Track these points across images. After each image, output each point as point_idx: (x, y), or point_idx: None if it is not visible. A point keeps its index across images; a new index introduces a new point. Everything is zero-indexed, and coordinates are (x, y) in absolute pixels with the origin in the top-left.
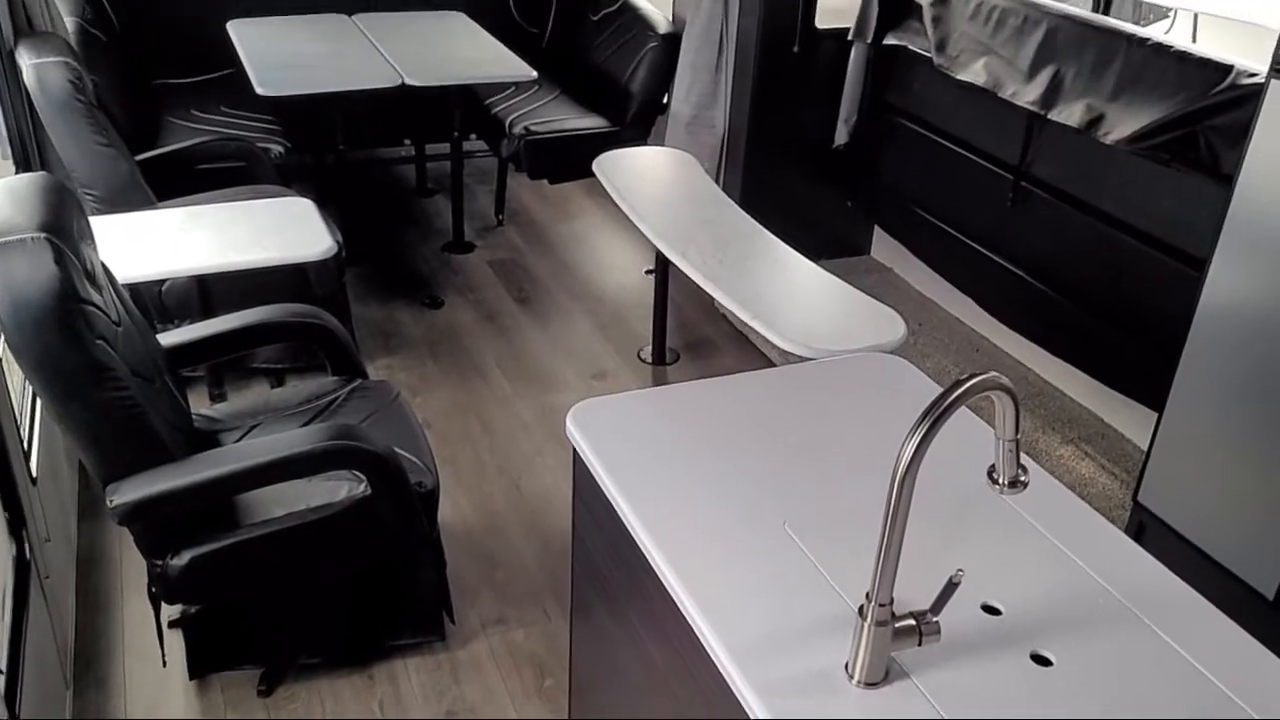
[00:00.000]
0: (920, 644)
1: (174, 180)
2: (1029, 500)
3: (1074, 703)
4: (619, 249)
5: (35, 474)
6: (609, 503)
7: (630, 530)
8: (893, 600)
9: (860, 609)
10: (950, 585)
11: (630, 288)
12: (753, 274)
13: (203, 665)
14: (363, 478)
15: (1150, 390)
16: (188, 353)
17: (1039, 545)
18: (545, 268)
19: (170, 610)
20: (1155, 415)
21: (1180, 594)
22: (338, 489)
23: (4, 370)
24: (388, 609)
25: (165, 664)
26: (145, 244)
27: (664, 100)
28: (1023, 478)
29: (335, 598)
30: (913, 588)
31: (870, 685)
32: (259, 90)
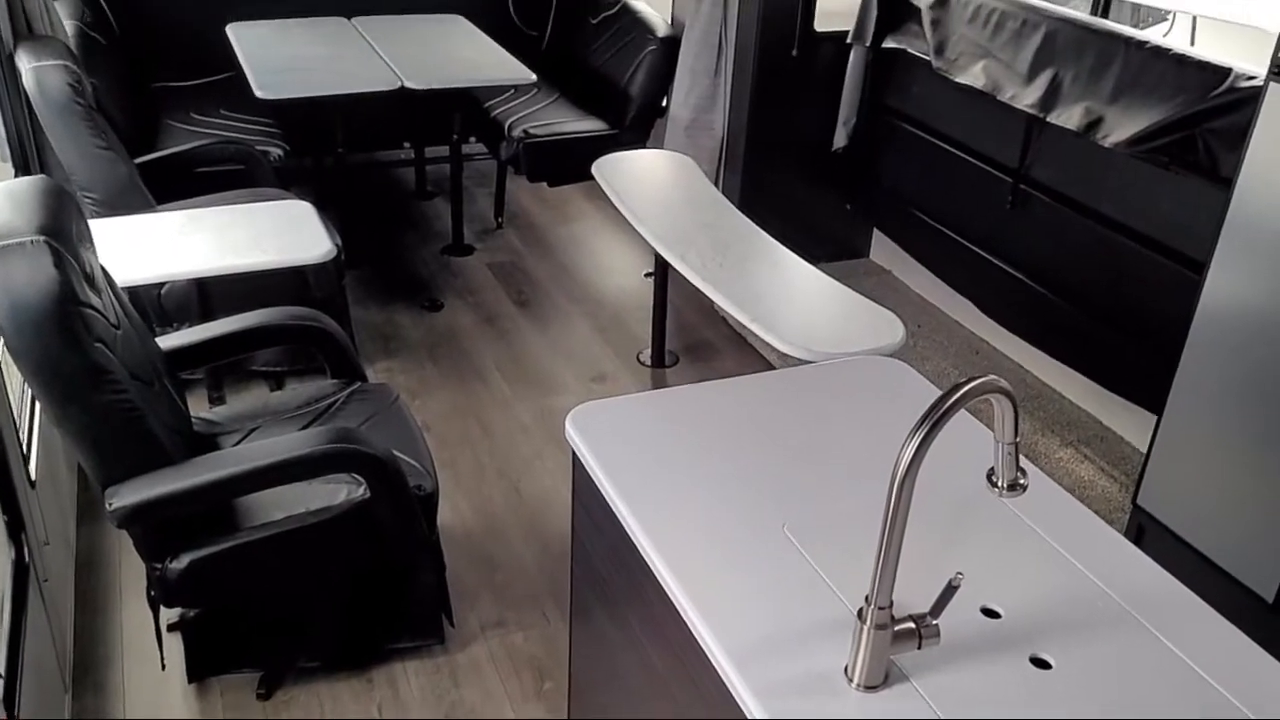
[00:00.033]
0: (920, 647)
1: (173, 183)
2: (1028, 503)
3: (1074, 706)
4: (618, 252)
5: (34, 477)
6: (608, 505)
7: (629, 533)
8: (892, 603)
9: (860, 612)
10: (950, 588)
11: (629, 290)
12: (752, 277)
13: (202, 668)
14: (362, 481)
15: (1149, 393)
16: (187, 356)
17: (1038, 548)
18: (544, 270)
19: (169, 613)
20: (1155, 418)
21: (1180, 597)
22: (337, 492)
23: (3, 373)
24: (387, 612)
25: (164, 667)
26: (144, 247)
27: (663, 103)
28: (1022, 481)
29: (334, 601)
30: (912, 591)
31: (870, 688)
32: (258, 93)
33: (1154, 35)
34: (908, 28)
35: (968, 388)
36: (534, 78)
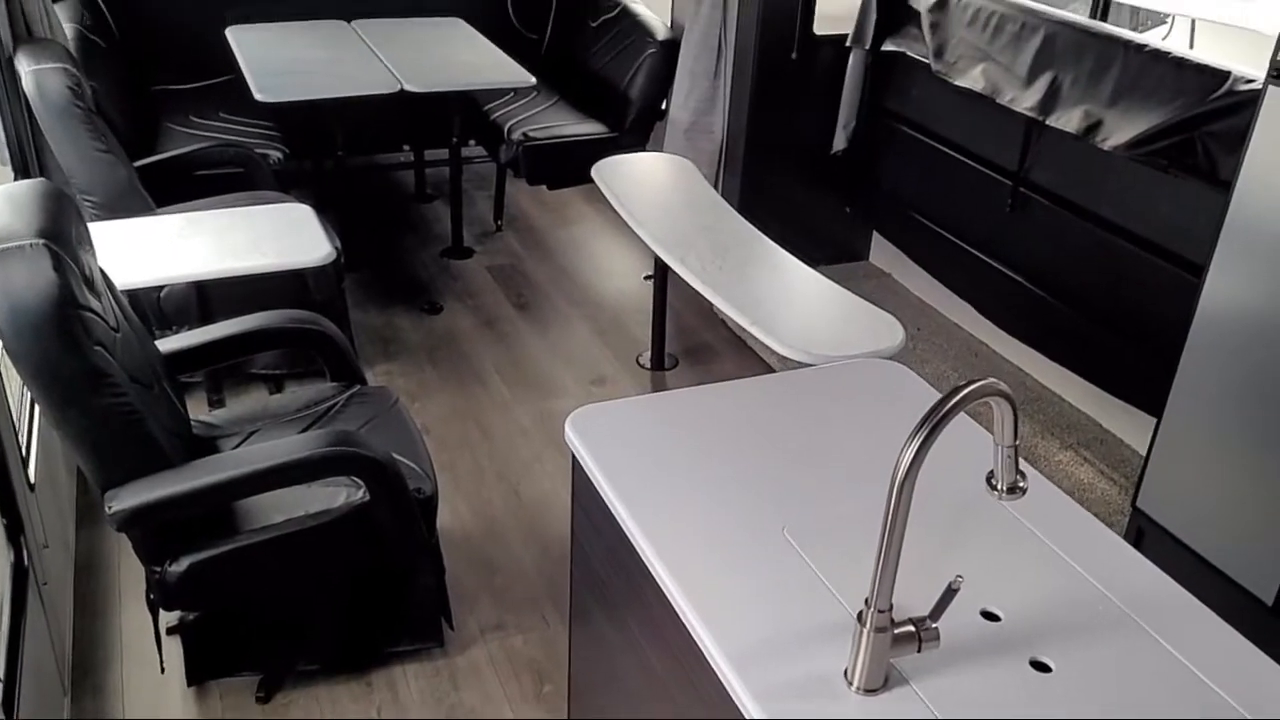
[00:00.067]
0: (919, 650)
1: (173, 186)
2: (1028, 506)
3: (1073, 709)
4: (618, 255)
5: (33, 480)
6: (608, 508)
7: (629, 536)
8: (892, 606)
9: (859, 615)
10: (949, 591)
11: (629, 293)
12: (751, 280)
13: (201, 672)
14: (361, 484)
15: (1149, 395)
16: (186, 359)
17: (1038, 551)
18: (544, 273)
19: (168, 617)
20: (1154, 420)
21: (1179, 600)
22: (336, 495)
23: (2, 376)
24: (386, 615)
25: (163, 670)
26: (144, 250)
27: (662, 106)
28: (1021, 484)
29: (334, 604)
30: (912, 594)
31: (869, 692)
32: (258, 96)
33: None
34: (907, 31)
35: (967, 391)
36: (533, 81)
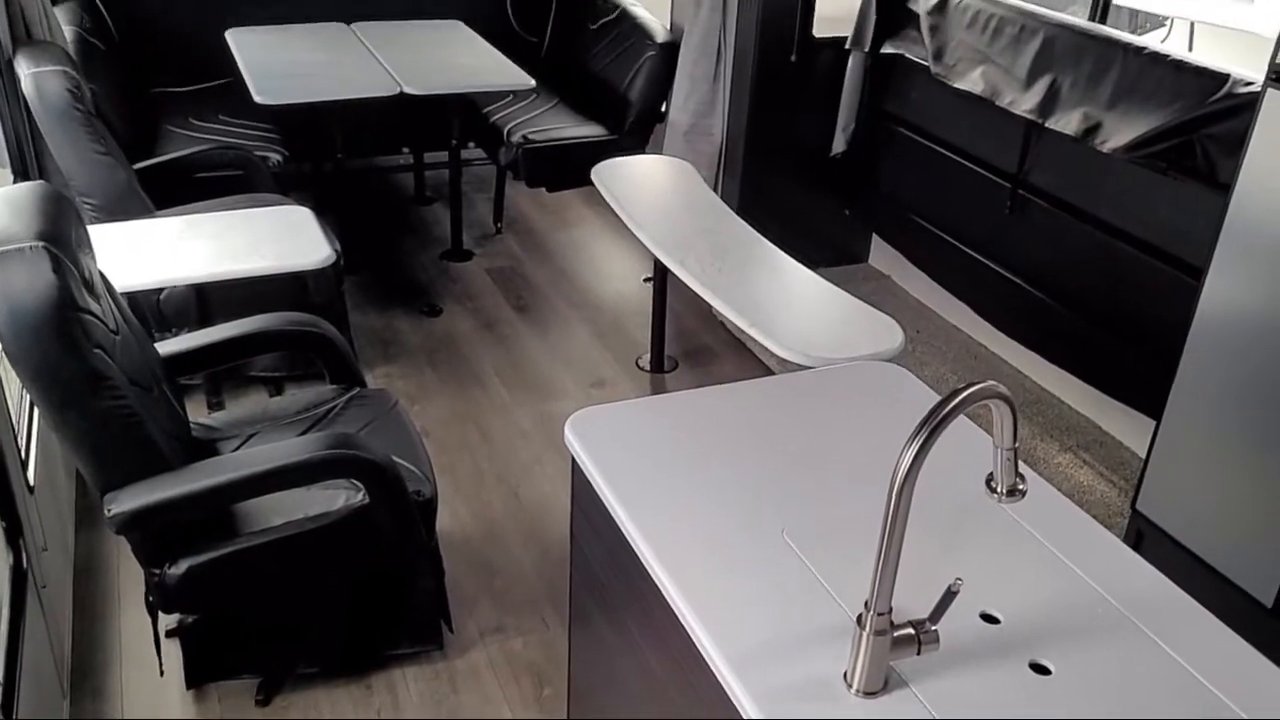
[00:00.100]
0: (919, 653)
1: (172, 189)
2: (1027, 509)
3: (1073, 711)
4: (617, 257)
5: (33, 483)
6: (607, 511)
7: (629, 539)
8: (891, 609)
9: (859, 618)
10: (949, 594)
11: (629, 296)
12: (751, 282)
13: (200, 674)
14: (361, 486)
15: (1148, 398)
16: (186, 361)
17: (1037, 554)
18: (544, 276)
19: (168, 619)
20: (1153, 423)
21: (1179, 602)
22: (335, 498)
23: (2, 379)
24: (386, 618)
25: (162, 673)
26: (143, 252)
27: (662, 109)
28: (1021, 486)
29: (333, 607)
30: (911, 596)
31: (869, 694)
32: (257, 99)
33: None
34: (906, 33)
35: (966, 393)
36: (533, 83)
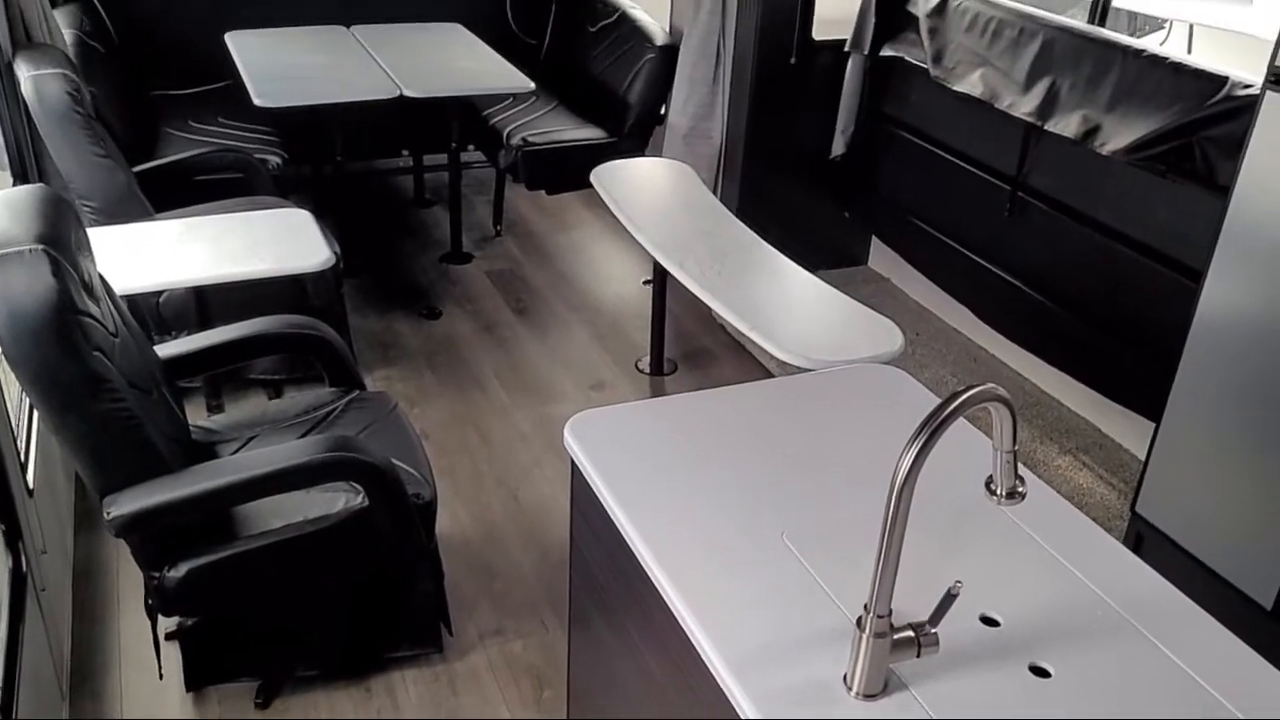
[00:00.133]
0: (919, 655)
1: (172, 191)
2: (1027, 511)
3: (1073, 714)
4: (617, 259)
5: (32, 486)
6: (607, 514)
7: (628, 541)
8: (891, 611)
9: (858, 620)
10: (949, 596)
11: (628, 298)
12: (750, 285)
13: (200, 677)
14: (360, 489)
15: (1148, 400)
16: (185, 364)
17: (1037, 556)
18: (543, 278)
19: (167, 622)
20: (1153, 425)
21: (1178, 605)
22: (335, 500)
23: (1, 382)
24: (385, 621)
25: (162, 676)
26: (143, 255)
27: (661, 111)
28: (1020, 489)
29: (333, 610)
30: (911, 599)
31: (869, 697)
32: (257, 101)
33: (1151, 44)
34: (905, 36)
35: (966, 396)
36: (532, 86)
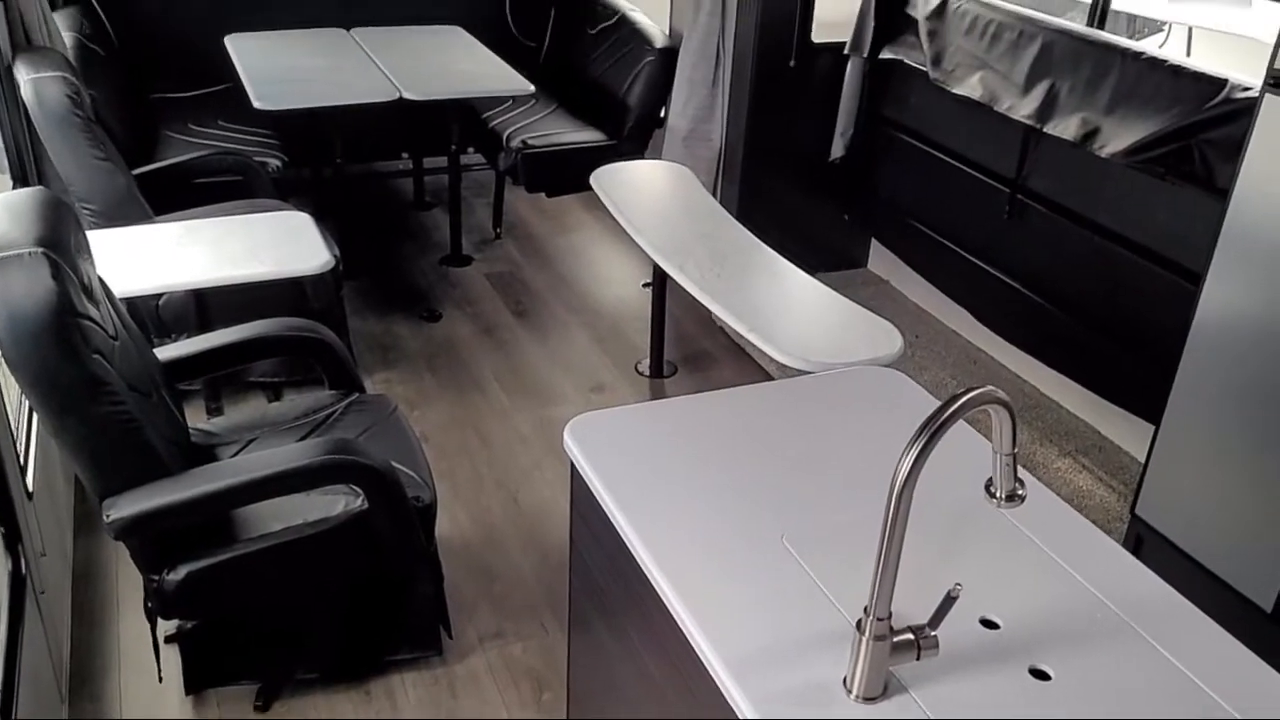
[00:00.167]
0: (919, 658)
1: (171, 194)
2: (1027, 514)
3: (1073, 716)
4: (616, 262)
5: (31, 489)
6: (606, 516)
7: (628, 544)
8: (891, 614)
9: (858, 623)
10: (948, 599)
11: (628, 301)
12: (750, 287)
13: (199, 680)
14: (360, 492)
15: (1147, 403)
16: (185, 367)
17: (1037, 559)
18: (543, 281)
19: (166, 625)
20: (1152, 428)
21: (1178, 607)
22: (335, 503)
23: (1, 385)
24: (385, 624)
25: (161, 679)
26: (142, 258)
27: (661, 114)
28: (1020, 491)
29: (332, 613)
30: (911, 602)
31: (868, 700)
32: (257, 104)
33: (1150, 46)
34: (905, 39)
35: (966, 398)
36: (532, 88)
